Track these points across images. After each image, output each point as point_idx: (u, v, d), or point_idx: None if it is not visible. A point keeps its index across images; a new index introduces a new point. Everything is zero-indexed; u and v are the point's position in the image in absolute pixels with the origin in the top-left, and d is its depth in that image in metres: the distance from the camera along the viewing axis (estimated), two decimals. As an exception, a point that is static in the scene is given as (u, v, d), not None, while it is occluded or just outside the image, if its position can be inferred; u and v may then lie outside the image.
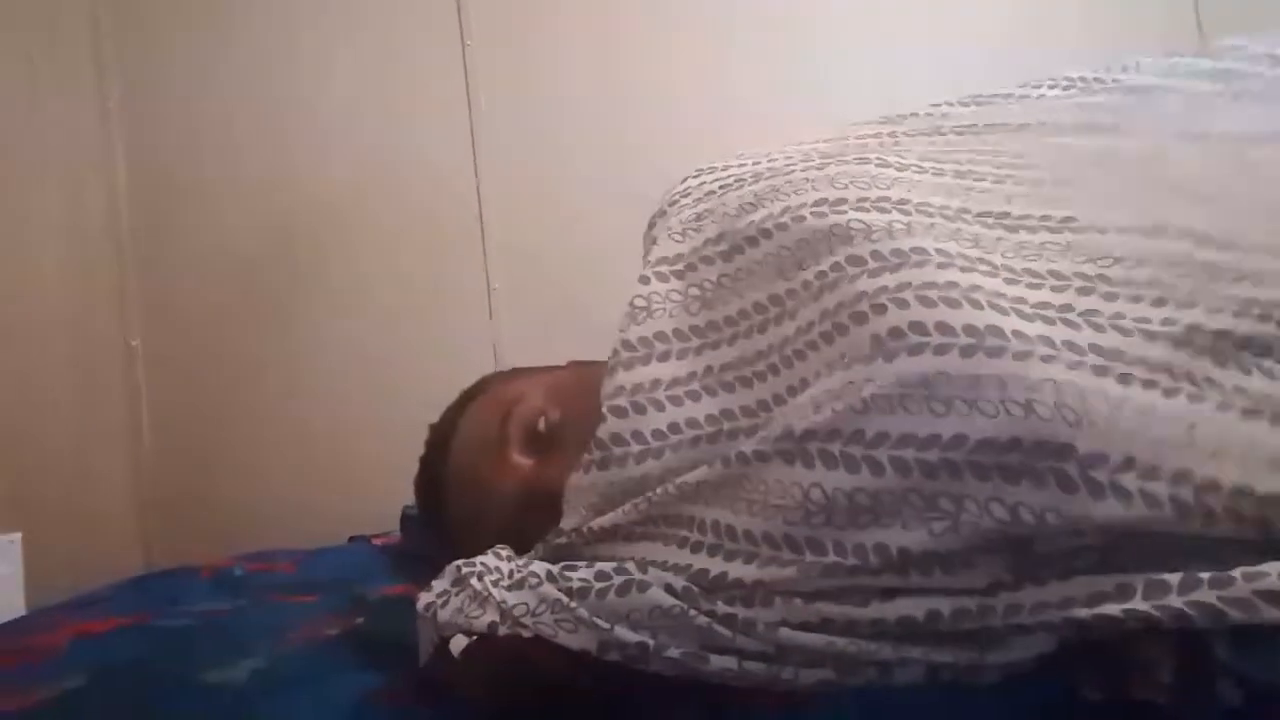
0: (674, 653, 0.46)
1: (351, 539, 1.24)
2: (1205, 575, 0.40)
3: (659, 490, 0.53)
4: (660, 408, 0.55)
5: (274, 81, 1.59)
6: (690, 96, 1.53)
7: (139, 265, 1.58)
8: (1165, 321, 0.47)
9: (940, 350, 0.45)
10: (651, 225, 0.68)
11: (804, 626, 0.46)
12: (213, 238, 1.58)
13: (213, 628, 0.79)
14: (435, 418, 0.77)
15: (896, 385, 0.46)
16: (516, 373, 0.79)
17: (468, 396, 0.77)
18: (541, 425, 0.65)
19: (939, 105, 0.76)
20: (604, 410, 0.56)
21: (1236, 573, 0.40)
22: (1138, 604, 0.41)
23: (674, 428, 0.55)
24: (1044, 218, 0.56)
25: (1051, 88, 0.75)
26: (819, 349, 0.52)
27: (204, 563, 1.09)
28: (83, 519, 1.38)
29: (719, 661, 0.46)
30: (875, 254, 0.51)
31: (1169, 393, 0.44)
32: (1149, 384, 0.44)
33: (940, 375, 0.45)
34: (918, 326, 0.46)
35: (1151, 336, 0.46)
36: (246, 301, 1.57)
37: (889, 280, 0.50)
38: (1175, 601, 0.40)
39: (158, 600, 0.90)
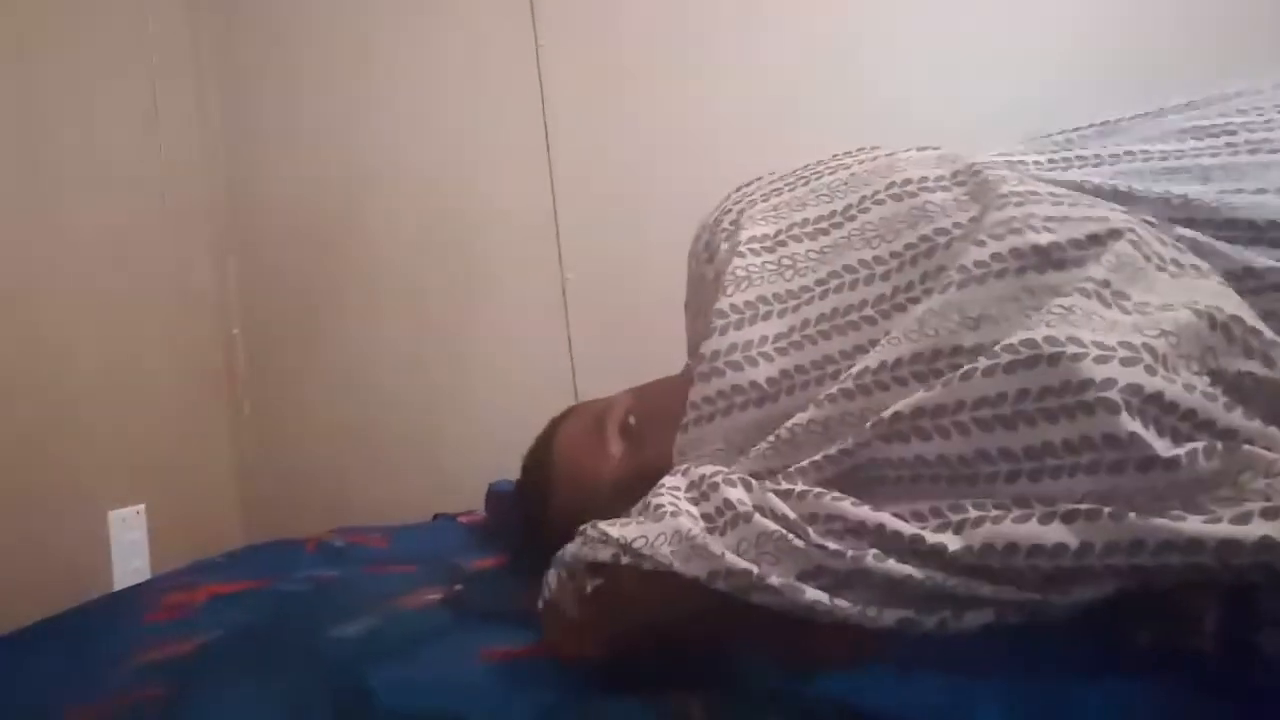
0: (775, 580, 0.51)
1: (436, 516, 1.31)
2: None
3: (774, 437, 0.60)
4: (770, 359, 0.63)
5: (353, 83, 1.68)
6: (762, 93, 1.55)
7: (238, 257, 1.70)
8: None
9: (1020, 272, 0.55)
10: (715, 227, 0.74)
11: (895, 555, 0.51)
12: (303, 232, 1.68)
13: (327, 592, 0.87)
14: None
15: (985, 302, 0.55)
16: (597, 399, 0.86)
17: (559, 419, 0.85)
18: (631, 420, 0.75)
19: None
20: (720, 365, 0.64)
21: None
22: (1204, 558, 0.43)
23: (785, 374, 0.63)
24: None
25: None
26: (920, 302, 0.59)
27: (305, 536, 1.18)
28: (192, 494, 1.50)
29: (813, 594, 0.51)
30: (956, 224, 0.62)
31: None
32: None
33: (1024, 291, 0.54)
34: (997, 257, 0.57)
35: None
36: (335, 293, 1.67)
37: (973, 231, 0.60)
38: (1245, 560, 0.42)
39: (273, 567, 0.99)
